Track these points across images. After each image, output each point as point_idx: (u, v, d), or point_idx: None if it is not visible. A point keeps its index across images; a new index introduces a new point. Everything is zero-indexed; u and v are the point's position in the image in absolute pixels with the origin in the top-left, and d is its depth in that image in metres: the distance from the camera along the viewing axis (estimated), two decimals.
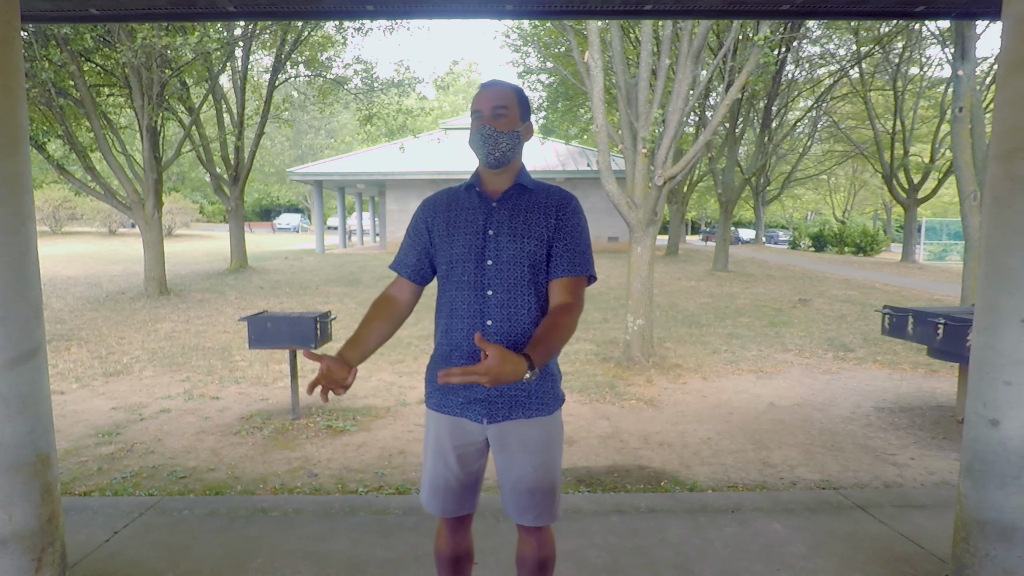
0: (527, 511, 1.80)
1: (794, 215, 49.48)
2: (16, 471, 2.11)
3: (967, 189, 8.51)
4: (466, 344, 1.72)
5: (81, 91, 9.93)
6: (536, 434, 1.77)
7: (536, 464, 1.77)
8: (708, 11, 3.15)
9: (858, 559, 2.70)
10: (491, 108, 1.70)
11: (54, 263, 15.75)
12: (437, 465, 1.82)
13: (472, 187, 1.79)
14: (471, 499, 1.88)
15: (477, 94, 1.76)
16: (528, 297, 1.72)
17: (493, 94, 1.72)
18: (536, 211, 1.75)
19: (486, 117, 1.71)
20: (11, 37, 2.12)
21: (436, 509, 1.86)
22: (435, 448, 1.83)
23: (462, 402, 1.77)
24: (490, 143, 1.70)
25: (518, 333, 1.71)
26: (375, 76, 16.07)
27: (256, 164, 21.76)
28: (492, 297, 1.71)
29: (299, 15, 3.17)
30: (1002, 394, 2.15)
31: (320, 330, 4.65)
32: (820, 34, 17.26)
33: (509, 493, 1.81)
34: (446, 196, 1.83)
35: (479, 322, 1.72)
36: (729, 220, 17.02)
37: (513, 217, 1.74)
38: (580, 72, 7.28)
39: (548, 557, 1.91)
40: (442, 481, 1.82)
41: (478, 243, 1.73)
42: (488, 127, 1.70)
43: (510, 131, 1.71)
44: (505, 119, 1.71)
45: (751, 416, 5.00)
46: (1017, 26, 2.14)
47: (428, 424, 1.86)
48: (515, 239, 1.72)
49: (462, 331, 1.73)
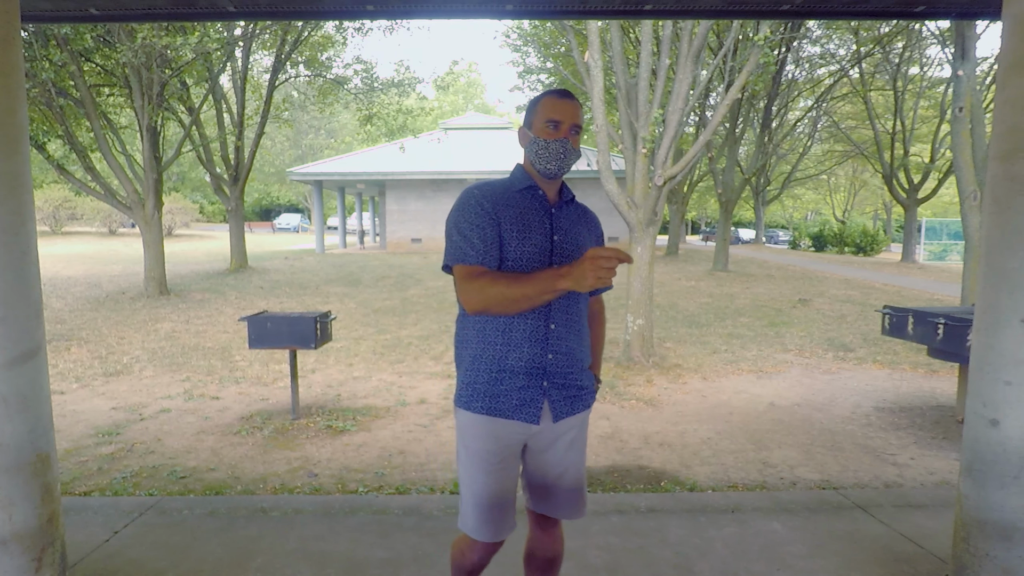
0: (570, 505, 1.83)
1: (794, 215, 49.47)
2: (16, 471, 2.11)
3: (967, 189, 8.50)
4: (527, 346, 1.71)
5: (81, 91, 9.93)
6: (581, 427, 1.84)
7: (578, 457, 1.84)
8: (708, 11, 3.15)
9: (858, 559, 2.70)
10: (572, 126, 1.72)
11: (54, 263, 15.75)
12: (488, 482, 1.73)
13: (533, 189, 1.78)
14: (513, 512, 1.82)
15: (554, 102, 1.72)
16: (580, 304, 1.80)
17: (574, 111, 1.72)
18: (584, 223, 1.86)
19: (565, 131, 1.72)
20: (11, 37, 2.12)
21: (491, 535, 1.75)
22: (484, 462, 1.73)
23: (516, 404, 1.72)
24: (563, 159, 1.72)
25: (575, 335, 1.78)
26: (375, 76, 16.06)
27: (256, 164, 21.80)
28: (556, 302, 1.73)
29: (299, 15, 3.17)
30: (1002, 394, 2.15)
31: (320, 330, 4.65)
32: (820, 34, 17.26)
33: (551, 489, 1.82)
34: (503, 192, 1.76)
35: (543, 324, 1.72)
36: (729, 220, 17.02)
37: (572, 225, 1.81)
38: (580, 72, 7.28)
39: (560, 553, 1.94)
40: (499, 499, 1.74)
41: (547, 246, 1.73)
42: (568, 143, 1.72)
43: (578, 150, 1.76)
44: (578, 137, 1.75)
45: (751, 416, 5.00)
46: (1017, 26, 2.14)
47: (471, 434, 1.75)
48: (576, 249, 1.77)
49: (524, 332, 1.71)
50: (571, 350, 1.76)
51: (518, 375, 1.71)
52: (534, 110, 1.76)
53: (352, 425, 4.70)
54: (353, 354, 7.09)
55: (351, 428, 4.64)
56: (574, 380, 1.78)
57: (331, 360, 6.82)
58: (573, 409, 1.79)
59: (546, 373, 1.73)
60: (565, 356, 1.75)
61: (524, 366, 1.71)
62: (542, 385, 1.73)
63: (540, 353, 1.71)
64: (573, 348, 1.77)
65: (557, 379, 1.74)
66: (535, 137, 1.73)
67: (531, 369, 1.71)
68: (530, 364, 1.71)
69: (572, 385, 1.78)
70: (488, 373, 1.73)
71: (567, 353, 1.75)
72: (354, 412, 5.02)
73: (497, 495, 1.74)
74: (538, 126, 1.73)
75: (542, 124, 1.72)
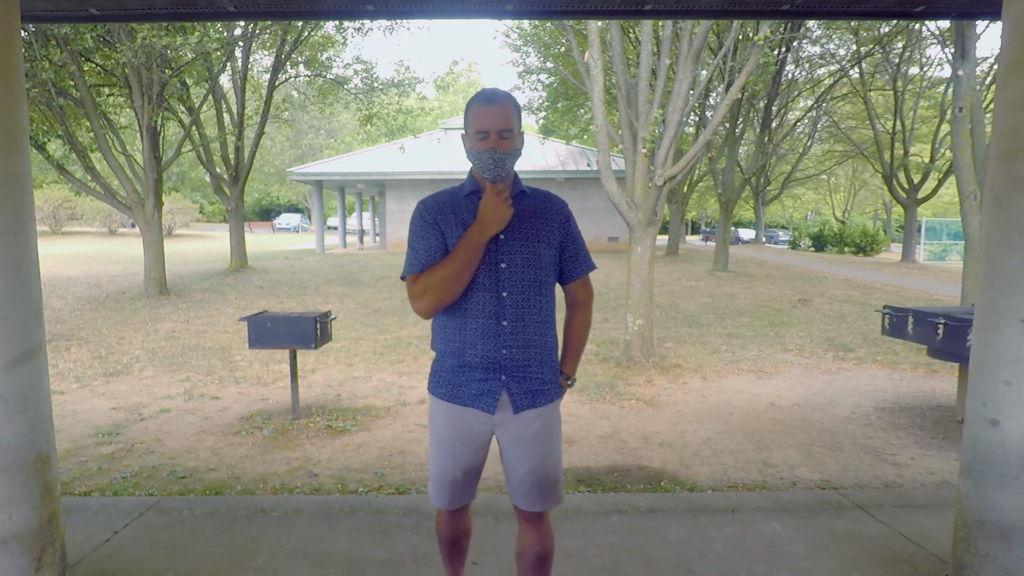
0: (542, 497, 1.89)
1: (794, 215, 49.47)
2: (16, 471, 2.11)
3: (967, 189, 8.50)
4: (481, 343, 1.79)
5: (81, 91, 9.93)
6: (547, 422, 1.87)
7: (547, 450, 1.87)
8: (708, 11, 3.15)
9: (858, 559, 2.70)
10: (498, 132, 1.73)
11: (54, 263, 15.75)
12: (447, 459, 1.89)
13: (476, 193, 1.83)
14: (474, 487, 1.98)
15: (479, 110, 1.74)
16: (539, 297, 1.84)
17: (499, 116, 1.73)
18: (541, 217, 1.86)
19: (494, 140, 1.73)
20: (11, 37, 2.12)
21: (443, 504, 1.95)
22: (444, 441, 1.89)
23: (474, 393, 1.83)
24: (499, 165, 1.75)
25: (531, 332, 1.83)
26: (375, 76, 16.07)
27: (256, 164, 21.78)
28: (507, 298, 1.80)
29: (299, 15, 3.17)
30: (1002, 394, 2.15)
31: (320, 330, 4.65)
32: (820, 34, 17.26)
33: (522, 482, 1.88)
34: (448, 200, 1.84)
35: (495, 322, 1.79)
36: (729, 220, 17.02)
37: (521, 223, 1.82)
38: (580, 72, 7.28)
39: (548, 550, 1.97)
40: (451, 475, 1.89)
41: (491, 248, 1.79)
42: (498, 151, 1.73)
43: (514, 150, 1.77)
44: (510, 139, 1.76)
45: (751, 416, 5.00)
46: (1017, 26, 2.14)
47: (435, 417, 1.91)
48: (527, 244, 1.81)
49: (477, 330, 1.80)
50: (529, 344, 1.82)
51: (476, 369, 1.82)
52: (466, 118, 1.79)
53: (352, 425, 4.70)
54: (353, 354, 7.09)
55: (351, 428, 4.64)
56: (534, 374, 1.85)
57: (331, 360, 6.82)
58: (535, 402, 1.85)
59: (503, 368, 1.81)
60: (521, 350, 1.81)
61: (480, 361, 1.80)
62: (500, 379, 1.82)
63: (494, 349, 1.79)
64: (532, 342, 1.82)
65: (515, 372, 1.82)
66: (469, 147, 1.79)
67: (488, 364, 1.81)
68: (486, 359, 1.80)
69: (533, 378, 1.85)
70: (451, 366, 1.85)
71: (524, 347, 1.82)
72: (354, 412, 5.02)
73: (452, 473, 1.88)
74: (470, 135, 1.77)
75: (472, 134, 1.76)
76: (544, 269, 1.83)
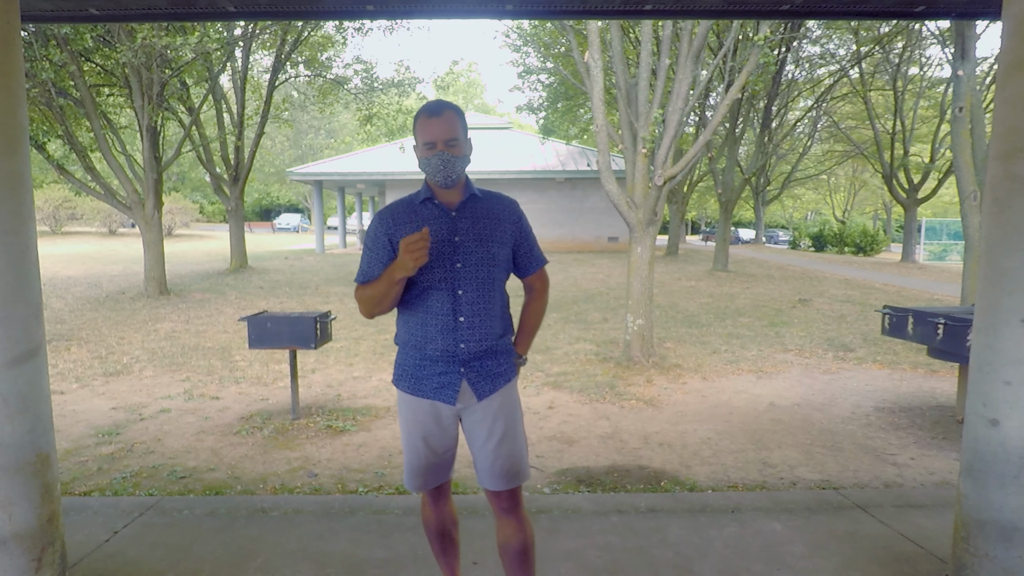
0: (508, 472, 1.95)
1: (794, 215, 49.47)
2: (16, 471, 2.11)
3: (967, 189, 8.50)
4: (440, 338, 1.91)
5: (81, 91, 9.93)
6: (506, 398, 1.98)
7: (510, 426, 1.97)
8: (708, 11, 3.15)
9: (858, 559, 2.70)
10: (445, 142, 1.85)
11: (54, 263, 15.75)
12: (417, 447, 1.99)
13: (429, 199, 1.94)
14: (447, 471, 2.07)
15: (425, 123, 1.85)
16: (493, 293, 1.95)
17: (445, 127, 1.84)
18: (493, 218, 1.97)
19: (441, 148, 1.85)
20: (11, 37, 2.12)
21: (416, 487, 2.05)
22: (412, 431, 1.99)
23: (435, 386, 1.94)
24: (449, 169, 1.86)
25: (487, 326, 1.94)
26: (375, 76, 16.07)
27: (256, 164, 21.76)
28: (463, 296, 1.90)
29: (299, 15, 3.17)
30: (1002, 394, 2.15)
31: (320, 330, 4.65)
32: (820, 34, 17.26)
33: (490, 462, 1.95)
34: (403, 208, 1.96)
35: (452, 319, 1.90)
36: (729, 220, 17.01)
37: (475, 224, 1.93)
38: (580, 72, 7.28)
39: (529, 539, 2.02)
40: (422, 462, 2.00)
41: (446, 249, 1.90)
42: (447, 154, 1.85)
43: (463, 156, 1.89)
44: (457, 148, 1.87)
45: (751, 416, 5.00)
46: (1017, 26, 2.14)
47: (402, 408, 2.01)
48: (481, 243, 1.92)
49: (436, 326, 1.91)
50: (484, 337, 1.93)
51: (437, 362, 1.93)
52: (414, 131, 1.91)
53: (352, 425, 4.70)
54: (353, 354, 7.09)
55: (351, 428, 4.64)
56: (490, 362, 1.96)
57: (331, 360, 6.82)
58: (495, 387, 1.96)
59: (461, 360, 1.92)
60: (478, 343, 1.92)
61: (440, 355, 1.92)
62: (459, 371, 1.93)
63: (452, 343, 1.90)
64: (487, 335, 1.94)
65: (473, 364, 1.93)
66: (419, 157, 1.90)
67: (447, 357, 1.92)
68: (445, 353, 1.91)
69: (489, 367, 1.96)
70: (414, 360, 1.97)
71: (480, 340, 1.93)
72: (354, 412, 5.02)
73: (420, 458, 1.99)
74: (419, 147, 1.88)
75: (421, 145, 1.88)
76: (498, 267, 1.95)
